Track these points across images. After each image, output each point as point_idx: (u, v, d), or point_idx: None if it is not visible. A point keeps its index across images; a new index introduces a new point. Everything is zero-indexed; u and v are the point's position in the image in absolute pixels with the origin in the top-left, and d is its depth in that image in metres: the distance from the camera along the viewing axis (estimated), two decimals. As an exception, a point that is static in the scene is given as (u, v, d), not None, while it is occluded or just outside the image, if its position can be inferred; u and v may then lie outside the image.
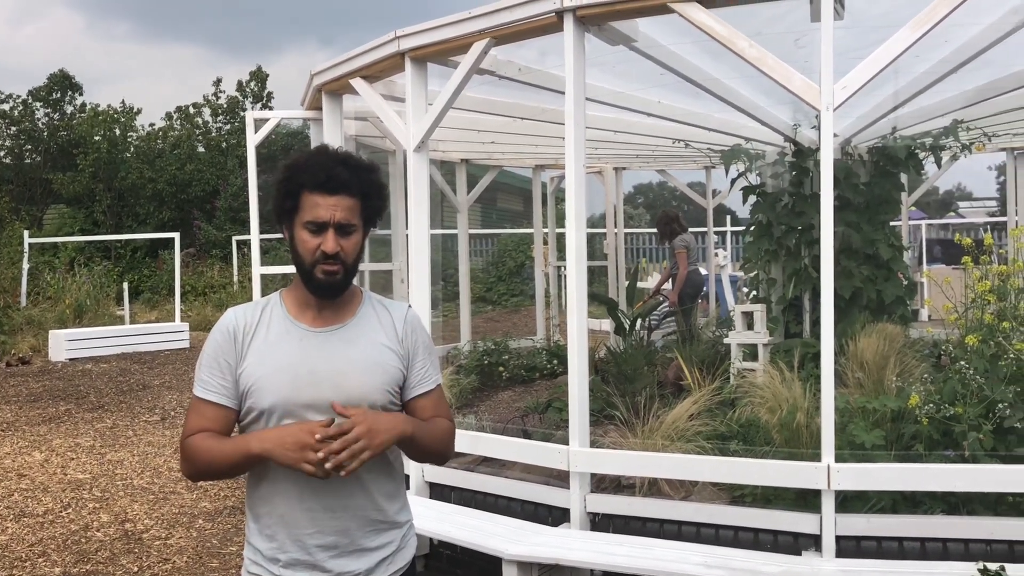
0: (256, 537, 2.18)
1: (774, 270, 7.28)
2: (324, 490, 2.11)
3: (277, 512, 2.14)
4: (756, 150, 7.53)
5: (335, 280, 2.13)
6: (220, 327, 2.17)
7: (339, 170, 2.09)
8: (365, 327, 2.21)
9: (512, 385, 8.12)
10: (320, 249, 2.09)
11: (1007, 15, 4.58)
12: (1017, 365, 4.27)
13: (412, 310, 2.31)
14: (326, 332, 2.17)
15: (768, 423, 4.77)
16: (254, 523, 2.19)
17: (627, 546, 4.15)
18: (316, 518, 2.12)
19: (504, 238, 21.31)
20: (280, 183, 2.14)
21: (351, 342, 2.17)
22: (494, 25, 4.62)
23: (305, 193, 2.10)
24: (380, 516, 2.21)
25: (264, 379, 2.10)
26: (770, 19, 4.69)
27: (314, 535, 2.13)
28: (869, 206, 6.97)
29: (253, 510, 2.19)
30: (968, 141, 7.54)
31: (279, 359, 2.12)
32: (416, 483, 5.16)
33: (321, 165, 2.10)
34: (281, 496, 2.13)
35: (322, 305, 2.18)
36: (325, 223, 2.09)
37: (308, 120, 7.01)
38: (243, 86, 25.34)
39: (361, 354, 2.16)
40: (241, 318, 2.17)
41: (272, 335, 2.15)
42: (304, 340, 2.14)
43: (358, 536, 2.17)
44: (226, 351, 2.14)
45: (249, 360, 2.13)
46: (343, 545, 2.15)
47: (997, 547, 3.90)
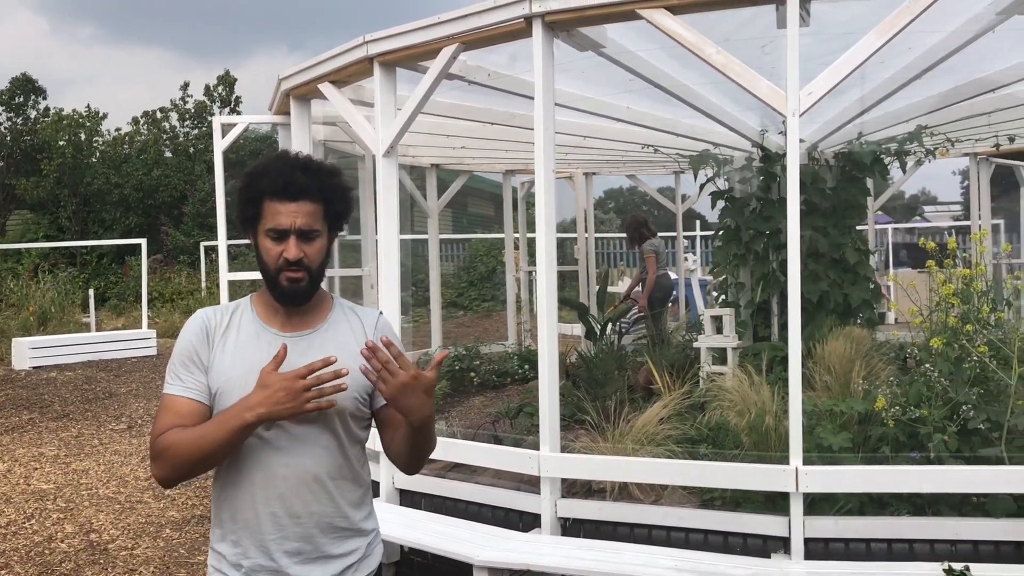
0: (220, 543, 2.16)
1: (742, 274, 7.33)
2: (289, 496, 2.10)
3: (242, 517, 2.11)
4: (724, 155, 7.60)
5: (300, 287, 2.11)
6: (191, 326, 2.15)
7: (298, 176, 2.08)
8: (335, 333, 2.19)
9: (483, 390, 8.11)
10: (283, 256, 2.08)
11: (968, 23, 4.65)
12: (981, 367, 4.33)
13: (383, 316, 2.30)
14: (296, 337, 2.15)
15: (737, 426, 4.80)
16: (219, 528, 2.17)
17: (597, 551, 4.15)
18: (280, 524, 2.10)
19: (475, 243, 21.31)
20: (241, 191, 2.13)
21: (320, 347, 2.15)
22: (463, 30, 4.62)
23: (266, 200, 2.08)
24: (345, 523, 2.19)
25: (232, 382, 2.08)
26: (737, 25, 4.73)
27: (278, 541, 2.11)
28: (836, 210, 7.04)
29: (218, 515, 2.17)
30: (932, 146, 7.65)
31: (248, 363, 2.10)
32: (386, 490, 5.14)
33: (280, 172, 2.08)
34: (246, 501, 2.11)
35: (291, 310, 2.17)
36: (286, 230, 2.07)
37: (276, 125, 6.96)
38: (211, 91, 25.15)
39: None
40: (211, 318, 2.16)
41: (242, 338, 2.14)
42: (273, 345, 2.11)
43: (323, 543, 2.15)
44: (199, 349, 2.12)
45: (219, 361, 2.11)
46: (307, 552, 2.13)
47: (962, 547, 3.95)
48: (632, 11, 4.15)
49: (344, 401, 2.13)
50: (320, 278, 2.16)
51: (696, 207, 12.36)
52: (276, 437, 2.09)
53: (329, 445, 2.13)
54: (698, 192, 8.14)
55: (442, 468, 5.18)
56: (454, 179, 10.89)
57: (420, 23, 4.81)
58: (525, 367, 8.54)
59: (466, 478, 5.00)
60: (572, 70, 5.37)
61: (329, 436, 2.13)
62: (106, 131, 24.74)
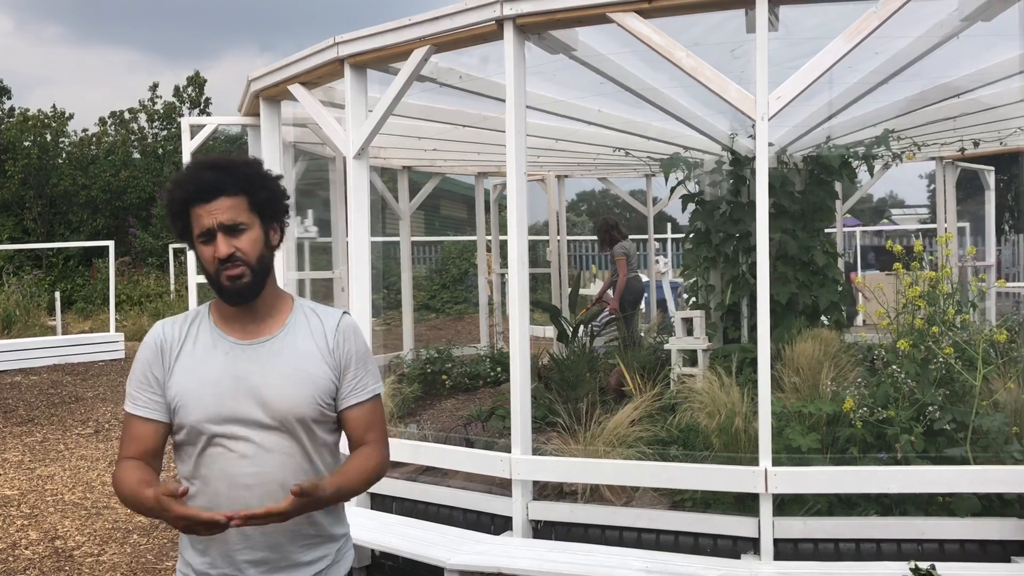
0: (188, 551, 2.16)
1: (713, 276, 7.38)
2: (255, 505, 2.06)
3: None
4: (695, 159, 7.64)
5: (242, 283, 2.08)
6: (147, 342, 2.15)
7: (207, 175, 2.06)
8: (295, 337, 2.16)
9: (455, 393, 8.09)
10: (215, 256, 2.05)
11: (934, 28, 4.71)
12: (946, 368, 4.39)
13: (347, 317, 2.26)
14: (254, 345, 2.13)
15: (707, 428, 4.82)
16: (186, 537, 2.15)
17: (568, 553, 4.15)
18: (246, 533, 2.08)
19: (447, 245, 21.26)
20: (166, 208, 2.13)
21: (279, 353, 2.13)
22: (434, 32, 4.61)
23: (190, 209, 2.07)
24: (314, 530, 2.17)
25: (189, 394, 2.07)
26: (707, 29, 4.76)
27: (244, 551, 2.09)
28: (804, 213, 7.11)
29: None
30: (899, 150, 7.75)
31: (205, 373, 2.08)
32: (357, 493, 5.10)
33: (190, 178, 2.08)
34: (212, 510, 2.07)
35: (248, 316, 2.14)
36: (211, 229, 2.05)
37: (246, 126, 6.91)
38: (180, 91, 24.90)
39: (289, 366, 2.12)
40: (168, 332, 2.15)
41: (199, 349, 2.12)
42: (231, 353, 2.10)
43: (290, 551, 2.13)
44: (154, 365, 2.11)
45: (176, 375, 2.10)
46: (274, 560, 2.11)
47: (928, 546, 4.00)
48: (603, 15, 4.17)
49: (306, 408, 2.11)
50: (264, 271, 2.12)
51: (667, 210, 12.45)
52: (240, 446, 2.07)
53: (294, 452, 2.11)
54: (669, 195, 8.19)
55: (413, 471, 5.16)
56: (426, 181, 10.86)
57: (391, 25, 4.79)
58: (497, 370, 8.53)
59: (438, 481, 4.99)
60: (544, 73, 5.38)
61: (293, 443, 2.11)
62: (73, 132, 24.42)
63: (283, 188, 2.19)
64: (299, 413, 2.10)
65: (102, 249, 18.33)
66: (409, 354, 9.40)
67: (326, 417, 2.17)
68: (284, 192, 2.19)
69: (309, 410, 2.12)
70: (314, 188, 8.18)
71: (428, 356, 8.70)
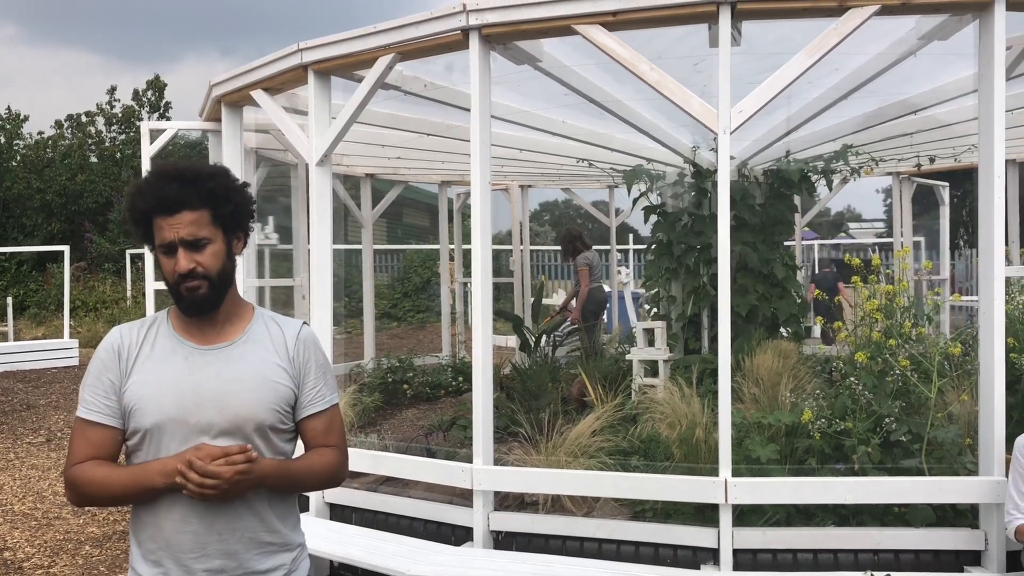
0: (140, 563, 2.10)
1: (674, 288, 7.43)
2: (211, 512, 2.05)
3: (162, 536, 2.06)
4: (657, 171, 7.70)
5: (200, 296, 2.08)
6: (104, 346, 2.12)
7: (171, 189, 2.04)
8: (255, 345, 2.16)
9: (416, 403, 8.05)
10: (175, 270, 2.06)
11: (892, 46, 4.80)
12: (903, 381, 4.46)
13: (307, 328, 2.26)
14: (213, 350, 2.11)
15: (668, 438, 4.85)
16: (137, 548, 2.11)
17: (529, 564, 4.14)
18: (202, 541, 2.05)
19: (410, 254, 21.19)
20: (128, 212, 2.10)
21: (238, 360, 2.12)
22: (400, 40, 4.59)
23: (153, 218, 2.06)
24: (271, 538, 2.14)
25: (147, 398, 2.05)
26: (671, 43, 4.80)
27: (199, 559, 2.06)
28: (764, 226, 7.19)
29: (137, 535, 2.11)
30: (857, 165, 7.88)
31: (163, 378, 2.06)
32: (316, 504, 5.05)
33: (154, 188, 2.05)
34: (167, 519, 2.05)
35: (207, 322, 2.13)
36: (172, 243, 2.05)
37: (207, 132, 6.83)
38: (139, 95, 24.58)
39: (248, 372, 2.11)
40: (126, 336, 2.12)
41: (157, 353, 2.10)
42: (190, 358, 2.08)
43: (247, 559, 2.10)
44: (110, 369, 2.08)
45: (133, 379, 2.07)
46: (230, 569, 2.08)
47: (884, 556, 4.05)
48: (568, 26, 4.19)
49: (264, 414, 2.10)
50: (225, 284, 2.12)
51: (629, 221, 12.51)
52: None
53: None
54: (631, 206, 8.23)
55: (373, 482, 5.12)
56: (389, 189, 10.82)
57: (356, 32, 4.77)
58: (459, 379, 8.50)
59: (398, 492, 4.95)
60: (508, 83, 5.38)
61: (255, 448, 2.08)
62: (28, 134, 23.98)
63: (249, 197, 2.18)
64: (258, 419, 2.09)
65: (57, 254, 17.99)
66: (370, 363, 9.33)
67: (284, 425, 2.16)
68: (249, 202, 2.18)
69: (268, 416, 2.10)
70: (275, 194, 8.10)
71: (389, 365, 8.65)
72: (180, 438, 2.03)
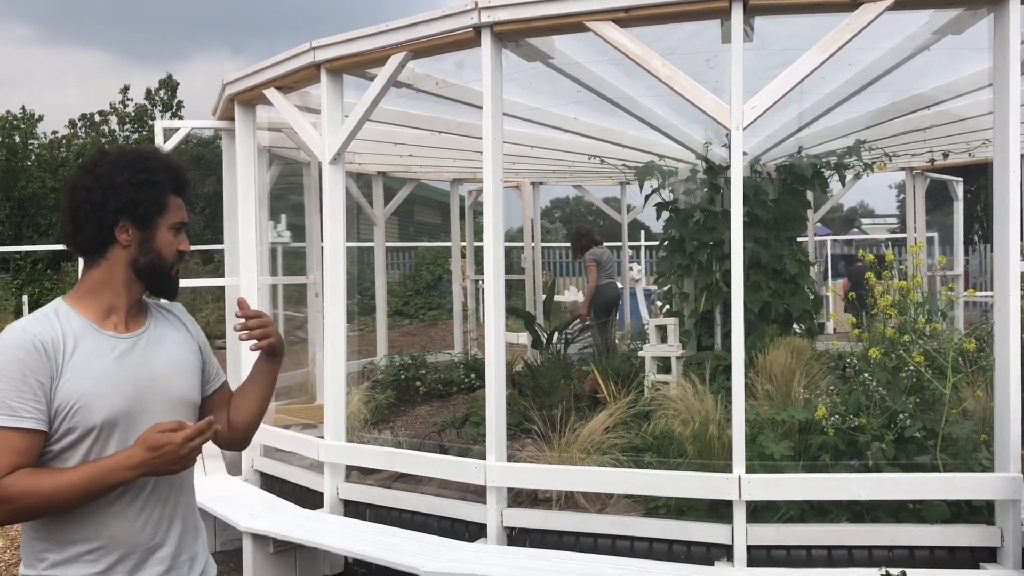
0: (70, 567, 1.98)
1: (686, 284, 7.42)
2: (163, 501, 2.08)
3: (107, 533, 2.00)
4: (669, 167, 7.69)
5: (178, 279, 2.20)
6: (19, 345, 1.93)
7: (183, 173, 2.16)
8: (164, 328, 2.20)
9: (429, 400, 8.06)
10: (179, 249, 2.14)
11: (905, 41, 4.78)
12: (917, 377, 4.44)
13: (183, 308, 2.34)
14: (135, 337, 2.10)
15: (681, 435, 4.84)
16: (64, 551, 1.98)
17: (543, 560, 4.15)
18: (154, 531, 2.07)
19: (421, 251, 21.21)
20: (151, 183, 2.08)
21: (158, 344, 2.14)
22: (412, 39, 4.60)
23: (170, 195, 2.12)
24: (197, 523, 2.24)
25: (90, 395, 1.96)
26: (683, 39, 4.80)
27: (151, 549, 2.06)
28: (777, 222, 7.17)
29: (62, 536, 1.98)
30: (870, 160, 7.84)
31: (101, 372, 1.99)
32: (330, 500, 5.07)
33: (178, 168, 2.15)
34: (119, 516, 2.01)
35: (122, 310, 2.09)
36: (184, 224, 2.15)
37: (220, 130, 6.86)
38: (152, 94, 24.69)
39: (171, 355, 2.15)
40: (43, 332, 1.97)
41: (85, 347, 2.00)
42: (117, 349, 2.05)
43: (187, 543, 2.17)
44: (36, 370, 1.92)
45: (67, 376, 1.95)
46: (175, 555, 2.12)
47: (899, 552, 4.04)
48: (580, 23, 4.19)
49: (194, 394, 2.19)
50: None
51: (641, 218, 12.46)
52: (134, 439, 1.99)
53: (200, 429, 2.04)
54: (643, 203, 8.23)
55: (387, 478, 5.14)
56: (401, 187, 10.83)
57: (368, 30, 4.78)
58: (471, 376, 8.51)
59: (411, 488, 4.97)
60: (520, 80, 5.39)
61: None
62: (42, 134, 24.11)
63: None
64: (190, 399, 2.17)
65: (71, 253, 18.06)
66: (383, 360, 9.36)
67: (199, 402, 2.24)
68: None
69: (195, 395, 2.20)
70: (288, 193, 8.13)
71: (402, 362, 8.67)
72: (128, 430, 2.00)
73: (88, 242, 2.07)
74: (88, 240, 2.06)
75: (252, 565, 4.71)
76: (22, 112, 23.79)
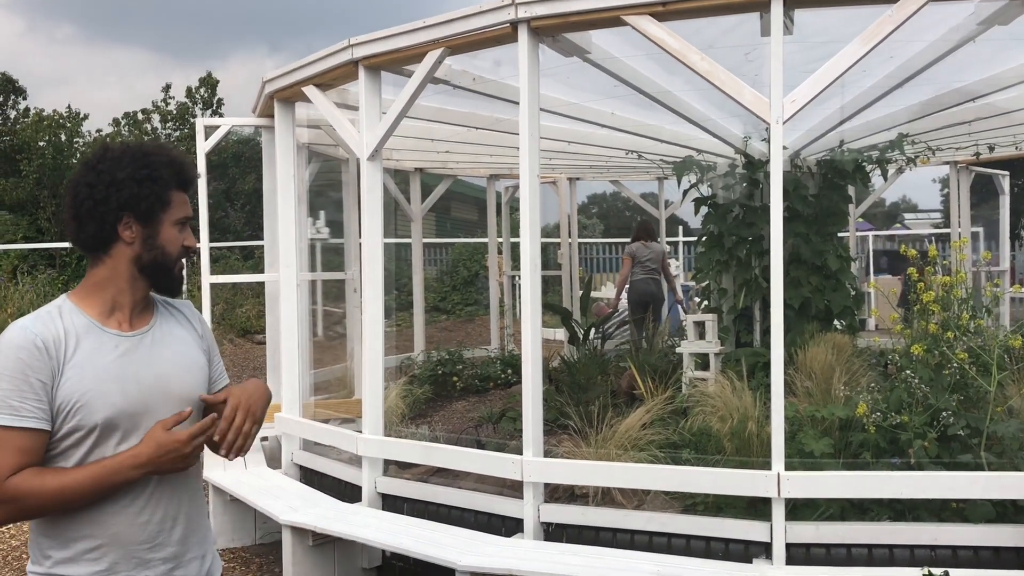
0: (74, 565, 1.98)
1: (725, 280, 7.36)
2: (167, 500, 2.06)
3: (108, 532, 1.99)
4: (707, 162, 7.63)
5: (183, 276, 2.18)
6: (22, 344, 1.93)
7: (189, 168, 2.14)
8: (170, 326, 2.17)
9: (466, 395, 8.10)
10: (184, 245, 2.12)
11: (949, 32, 4.70)
12: (960, 374, 4.37)
13: (192, 305, 2.32)
14: (139, 335, 2.08)
15: (719, 432, 4.81)
16: (67, 549, 1.98)
17: (580, 556, 4.15)
18: (157, 531, 2.05)
19: (458, 247, 21.26)
20: (154, 179, 2.06)
21: (163, 343, 2.12)
22: (449, 35, 4.61)
23: (174, 190, 2.10)
24: (202, 522, 2.20)
25: (91, 393, 1.95)
26: (722, 32, 4.75)
27: (154, 549, 2.04)
28: (818, 217, 7.09)
29: (66, 534, 1.98)
30: (913, 154, 7.72)
31: (102, 370, 1.99)
32: (368, 494, 5.11)
33: (182, 163, 2.12)
34: (121, 515, 2.00)
35: (127, 308, 2.08)
36: (188, 219, 2.14)
37: (260, 128, 6.93)
38: (193, 92, 24.99)
39: (176, 354, 2.13)
40: (45, 331, 1.96)
41: (88, 346, 2.00)
42: (120, 347, 2.04)
43: (193, 543, 2.14)
44: (37, 369, 1.92)
45: (68, 375, 1.95)
46: (181, 555, 2.10)
47: (941, 552, 3.98)
48: (617, 17, 4.17)
49: (198, 391, 2.15)
50: None
51: (679, 213, 12.41)
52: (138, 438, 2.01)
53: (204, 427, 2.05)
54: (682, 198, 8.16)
55: (425, 472, 5.16)
56: (438, 183, 10.88)
57: (405, 27, 4.80)
58: (508, 372, 8.53)
59: (449, 483, 4.99)
60: (557, 75, 5.38)
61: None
62: (87, 132, 24.53)
63: None
64: (195, 397, 2.13)
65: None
66: (420, 356, 9.41)
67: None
68: None
69: (201, 392, 2.16)
70: (327, 190, 8.21)
71: (439, 358, 8.71)
72: (132, 429, 2.00)
73: (91, 239, 2.05)
74: (91, 237, 2.05)
75: (291, 557, 4.76)
76: (68, 111, 24.23)
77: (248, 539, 5.91)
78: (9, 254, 19.86)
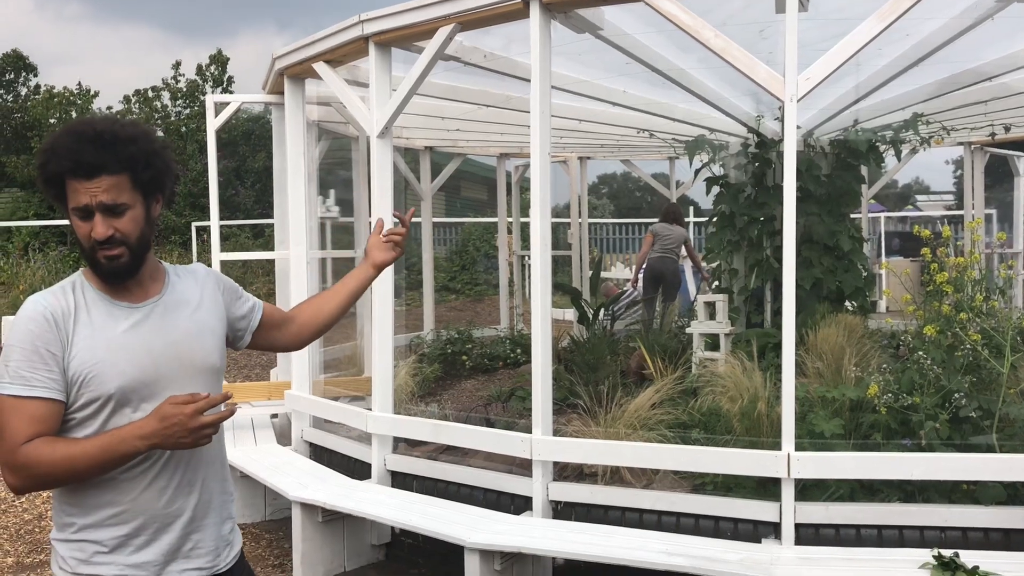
0: (97, 531, 2.01)
1: (736, 260, 7.33)
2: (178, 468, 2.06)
3: (128, 497, 2.01)
4: (720, 141, 7.58)
5: (119, 264, 2.00)
6: (32, 316, 1.96)
7: (89, 152, 1.93)
8: (183, 293, 2.15)
9: (475, 374, 8.10)
10: (91, 235, 1.97)
11: (966, 11, 4.63)
12: (973, 355, 4.34)
13: (204, 266, 2.30)
14: (149, 305, 2.08)
15: (729, 412, 4.80)
16: (90, 516, 2.01)
17: (589, 534, 4.16)
18: (176, 497, 2.06)
19: (468, 227, 21.23)
20: (39, 171, 2.01)
21: (176, 310, 2.11)
22: (460, 11, 4.58)
23: (66, 179, 1.96)
24: (224, 489, 2.21)
25: (102, 364, 1.97)
26: (736, 9, 4.70)
27: (173, 513, 2.06)
28: (830, 198, 7.04)
29: (88, 501, 2.01)
30: (927, 135, 7.65)
31: (113, 341, 2.00)
32: (378, 471, 5.13)
33: (71, 150, 1.94)
34: (133, 482, 2.02)
35: (133, 281, 2.07)
36: (88, 207, 1.95)
37: (270, 104, 6.92)
38: (203, 70, 24.93)
39: (189, 320, 2.12)
40: (56, 304, 1.99)
41: (97, 318, 2.01)
42: (131, 319, 2.04)
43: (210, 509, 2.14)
44: (48, 340, 1.95)
45: (79, 347, 1.97)
46: (196, 519, 2.10)
47: (951, 534, 3.97)
48: (630, -7, 4.12)
49: (214, 358, 2.15)
50: (144, 250, 2.05)
51: (690, 193, 12.34)
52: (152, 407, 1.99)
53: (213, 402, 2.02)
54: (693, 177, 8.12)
55: (434, 450, 5.18)
56: (448, 162, 10.84)
57: (417, 3, 4.76)
58: (517, 351, 8.53)
59: (458, 461, 5.00)
60: (569, 53, 5.33)
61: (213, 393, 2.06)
62: (97, 109, 24.53)
63: (169, 161, 2.09)
64: (211, 363, 2.13)
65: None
66: (429, 334, 9.41)
67: (224, 364, 2.23)
68: (170, 166, 2.09)
69: (219, 360, 2.17)
70: (337, 167, 8.19)
71: (448, 337, 8.72)
72: (147, 399, 2.00)
73: None
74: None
75: (301, 533, 4.79)
76: (78, 88, 24.23)
77: (258, 515, 5.94)
78: (21, 231, 19.93)
